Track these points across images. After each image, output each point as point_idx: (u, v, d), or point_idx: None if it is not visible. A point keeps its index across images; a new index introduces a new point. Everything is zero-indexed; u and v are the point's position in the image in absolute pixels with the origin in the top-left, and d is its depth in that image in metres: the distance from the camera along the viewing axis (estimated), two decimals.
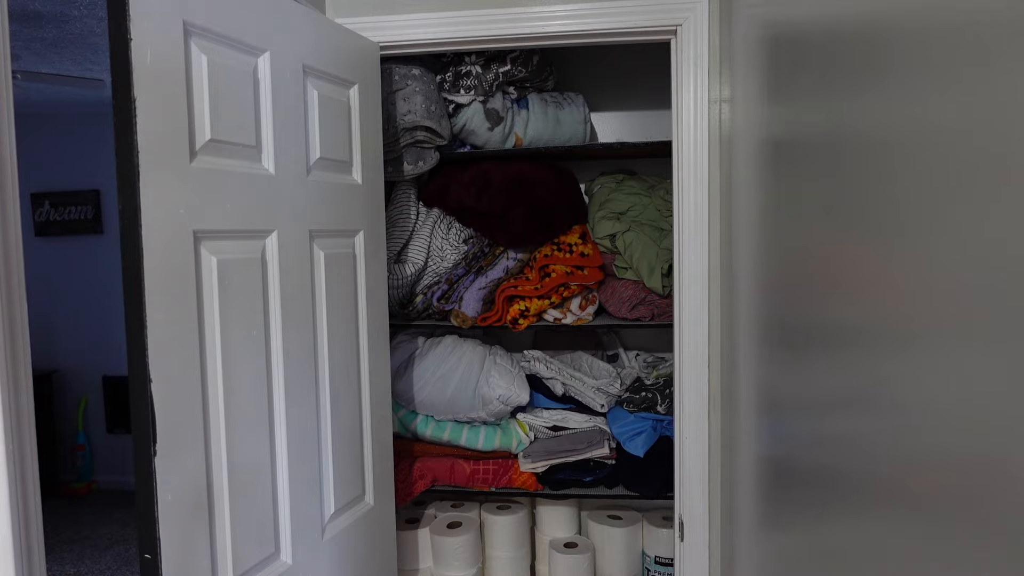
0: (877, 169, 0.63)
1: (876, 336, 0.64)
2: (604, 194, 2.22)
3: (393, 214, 2.13)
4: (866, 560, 0.68)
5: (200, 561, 1.14)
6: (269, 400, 1.31)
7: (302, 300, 1.40)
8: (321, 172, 1.48)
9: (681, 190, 1.68)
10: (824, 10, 0.82)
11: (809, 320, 0.89)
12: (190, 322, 1.12)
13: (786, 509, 1.02)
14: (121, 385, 4.25)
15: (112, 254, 4.28)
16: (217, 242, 1.18)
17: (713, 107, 1.64)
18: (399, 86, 1.94)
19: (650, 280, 2.09)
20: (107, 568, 3.43)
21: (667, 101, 1.73)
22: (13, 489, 0.92)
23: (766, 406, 1.18)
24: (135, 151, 1.02)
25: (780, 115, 1.05)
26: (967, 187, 0.47)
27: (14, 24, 2.56)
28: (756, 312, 1.24)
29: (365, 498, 1.65)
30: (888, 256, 0.61)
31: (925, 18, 0.54)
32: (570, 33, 1.68)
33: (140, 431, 1.05)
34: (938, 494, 0.52)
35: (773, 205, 1.10)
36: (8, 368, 0.92)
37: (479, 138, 2.14)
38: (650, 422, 2.14)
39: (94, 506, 4.17)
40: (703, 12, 1.62)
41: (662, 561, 2.17)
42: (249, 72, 1.27)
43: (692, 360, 1.70)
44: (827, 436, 0.81)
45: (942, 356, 0.51)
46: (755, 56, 1.23)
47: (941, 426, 0.51)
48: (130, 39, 1.01)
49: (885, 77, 0.61)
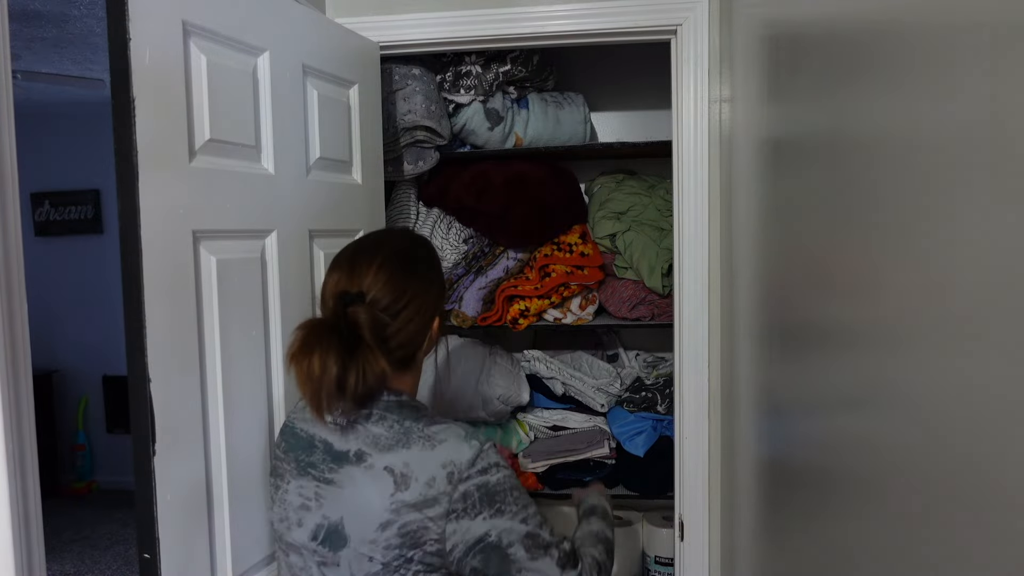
0: (877, 169, 0.63)
1: (876, 336, 0.64)
2: (604, 194, 2.22)
3: (393, 214, 2.13)
4: (866, 560, 0.68)
5: (200, 561, 1.14)
6: (269, 399, 1.31)
7: (302, 300, 1.40)
8: (321, 172, 1.48)
9: (681, 190, 1.68)
10: (824, 10, 0.82)
11: (809, 320, 0.89)
12: (189, 322, 1.12)
13: (786, 509, 1.02)
14: (121, 385, 4.25)
15: (112, 254, 4.28)
16: (217, 242, 1.18)
17: (713, 107, 1.64)
18: (399, 86, 1.94)
19: (650, 280, 2.09)
20: (107, 568, 3.43)
21: (667, 101, 1.73)
22: (13, 489, 0.92)
23: (766, 406, 1.18)
24: (134, 151, 1.02)
25: (780, 115, 1.05)
26: (968, 187, 0.47)
27: (14, 24, 2.56)
28: (756, 312, 1.24)
29: None
30: (888, 256, 0.61)
31: (925, 18, 0.54)
32: (570, 33, 1.68)
33: (140, 431, 1.05)
34: (938, 494, 0.52)
35: (773, 205, 1.10)
36: (8, 368, 0.92)
37: (479, 138, 2.14)
38: (650, 422, 2.14)
39: (94, 506, 4.17)
40: (703, 12, 1.62)
41: (662, 561, 2.16)
42: (249, 72, 1.26)
43: (692, 360, 1.70)
44: (827, 436, 0.81)
45: (943, 356, 0.51)
46: (755, 56, 1.23)
47: (942, 426, 0.51)
48: (129, 39, 1.01)
49: (885, 77, 0.61)
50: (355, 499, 0.93)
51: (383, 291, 0.96)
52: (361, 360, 0.90)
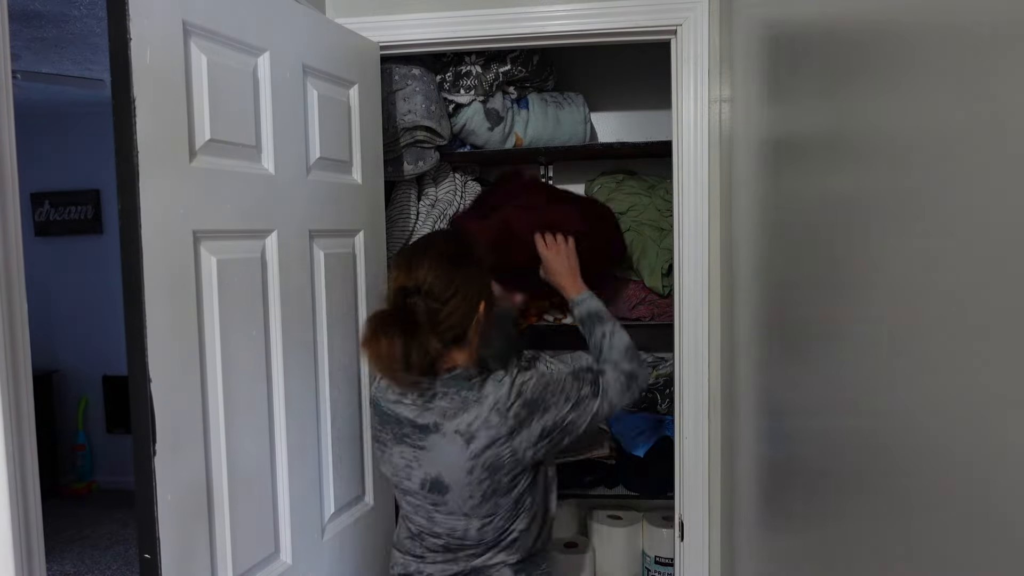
0: (877, 169, 0.63)
1: (876, 336, 0.64)
2: (604, 194, 2.22)
3: (393, 214, 2.12)
4: (867, 560, 0.68)
5: (200, 561, 1.14)
6: (269, 399, 1.31)
7: (302, 300, 1.40)
8: (321, 172, 1.48)
9: (681, 190, 1.68)
10: (824, 10, 0.82)
11: (809, 320, 0.89)
12: (190, 322, 1.12)
13: (786, 509, 1.02)
14: (121, 385, 4.25)
15: (112, 254, 4.27)
16: (217, 242, 1.18)
17: (713, 107, 1.64)
18: (399, 86, 1.94)
19: (650, 280, 2.09)
20: (107, 568, 3.43)
21: (667, 101, 1.73)
22: (13, 489, 0.92)
23: (766, 406, 1.18)
24: (135, 151, 1.02)
25: (780, 115, 1.05)
26: (969, 187, 0.47)
27: (14, 24, 2.56)
28: (756, 312, 1.24)
29: (365, 498, 1.65)
30: (888, 255, 0.61)
31: (925, 18, 0.54)
32: (570, 33, 1.68)
33: (140, 431, 1.05)
34: (939, 494, 0.52)
35: (773, 205, 1.10)
36: (8, 368, 0.92)
37: (479, 138, 2.14)
38: (650, 422, 2.14)
39: (94, 506, 4.17)
40: (703, 12, 1.62)
41: (662, 561, 2.16)
42: (249, 72, 1.26)
43: (692, 360, 1.70)
44: (827, 436, 0.81)
45: (943, 356, 0.51)
46: (755, 56, 1.23)
47: (942, 426, 0.51)
48: (130, 39, 1.01)
49: (885, 77, 0.61)
50: (443, 459, 1.18)
51: (434, 283, 1.17)
52: (419, 340, 1.13)
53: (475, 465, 1.16)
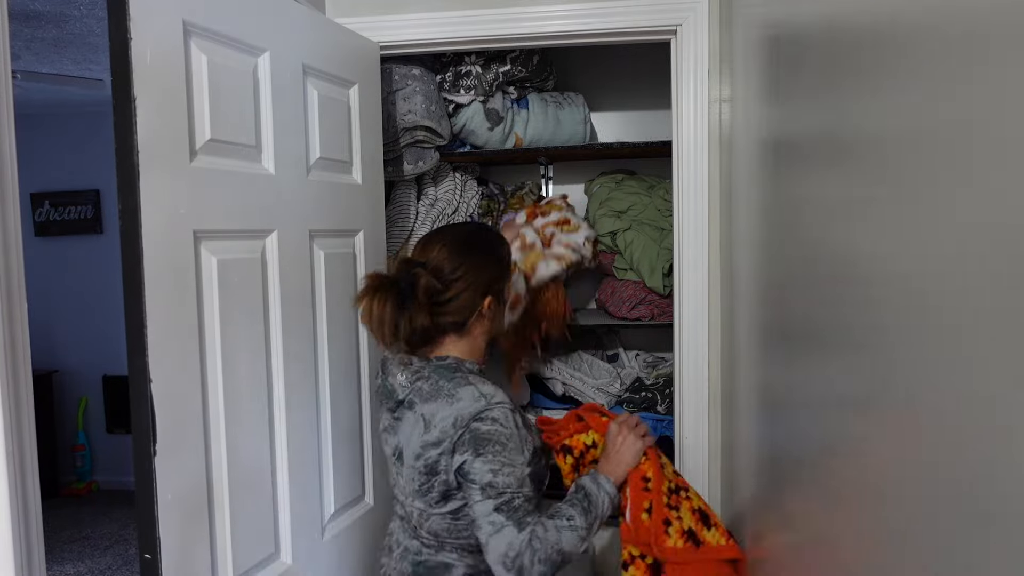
0: (877, 168, 0.63)
1: (876, 335, 0.64)
2: (604, 193, 2.22)
3: (393, 214, 2.12)
4: (866, 560, 0.68)
5: (200, 561, 1.14)
6: (269, 399, 1.31)
7: (302, 300, 1.40)
8: (321, 172, 1.48)
9: (681, 190, 1.68)
10: (824, 10, 0.82)
11: (809, 319, 0.89)
12: (190, 322, 1.12)
13: (786, 509, 1.02)
14: (121, 385, 4.25)
15: (112, 254, 4.27)
16: (217, 242, 1.18)
17: (713, 107, 1.64)
18: (399, 86, 1.94)
19: (650, 280, 2.09)
20: (107, 568, 3.43)
21: (667, 101, 1.73)
22: (13, 489, 0.92)
23: (766, 406, 1.18)
24: (135, 151, 1.02)
25: (780, 115, 1.05)
26: (969, 187, 0.47)
27: (14, 24, 2.56)
28: (756, 312, 1.24)
29: (365, 498, 1.65)
30: (888, 255, 0.61)
31: (925, 18, 0.54)
32: (570, 33, 1.68)
33: (140, 431, 1.05)
34: (938, 494, 0.52)
35: (773, 205, 1.10)
36: (8, 368, 0.92)
37: (479, 138, 2.14)
38: (650, 422, 2.14)
39: (94, 506, 4.16)
40: (703, 12, 1.62)
41: None
42: (249, 72, 1.27)
43: (692, 360, 1.70)
44: (827, 436, 0.81)
45: (943, 355, 0.51)
46: (755, 56, 1.23)
47: (941, 426, 0.51)
48: (130, 39, 1.01)
49: (885, 76, 0.61)
50: (405, 433, 1.19)
51: (442, 263, 1.18)
52: (409, 312, 1.13)
53: (421, 454, 1.15)
